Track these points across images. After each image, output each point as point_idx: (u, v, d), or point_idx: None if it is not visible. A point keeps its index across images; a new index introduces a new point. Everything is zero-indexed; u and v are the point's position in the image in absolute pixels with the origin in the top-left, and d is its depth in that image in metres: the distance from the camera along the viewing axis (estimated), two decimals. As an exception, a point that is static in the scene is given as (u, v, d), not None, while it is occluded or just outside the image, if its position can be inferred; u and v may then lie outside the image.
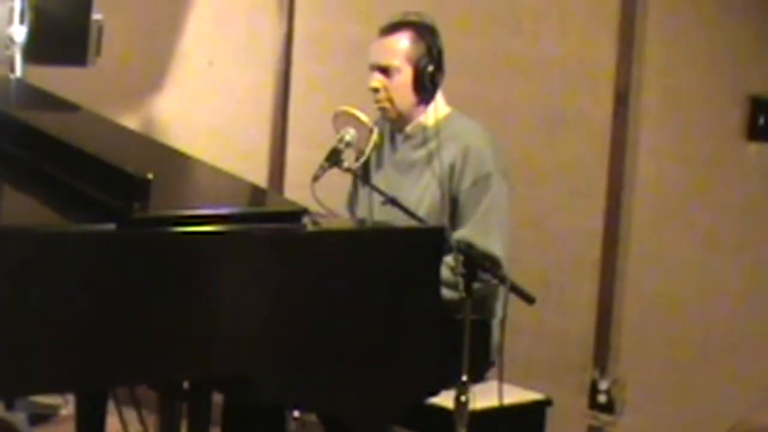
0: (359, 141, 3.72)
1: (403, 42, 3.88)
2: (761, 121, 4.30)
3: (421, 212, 3.76)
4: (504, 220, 3.86)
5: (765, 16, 4.31)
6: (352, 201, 4.12)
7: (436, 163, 3.84)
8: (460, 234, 3.76)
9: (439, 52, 3.90)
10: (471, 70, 4.60)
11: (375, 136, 3.76)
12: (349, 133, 3.69)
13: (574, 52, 4.62)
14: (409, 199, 3.80)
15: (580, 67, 4.61)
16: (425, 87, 3.88)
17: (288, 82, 5.27)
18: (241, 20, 5.41)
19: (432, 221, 3.77)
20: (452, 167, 3.84)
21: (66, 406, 4.88)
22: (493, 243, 3.77)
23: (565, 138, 4.64)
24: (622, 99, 4.50)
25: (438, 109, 3.91)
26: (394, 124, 3.97)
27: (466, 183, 3.83)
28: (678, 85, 4.45)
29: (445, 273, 3.44)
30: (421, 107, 3.92)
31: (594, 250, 4.57)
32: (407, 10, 4.00)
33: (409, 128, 3.95)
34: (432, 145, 3.86)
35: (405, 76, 3.88)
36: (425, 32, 3.89)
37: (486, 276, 3.52)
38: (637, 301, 4.54)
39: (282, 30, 5.25)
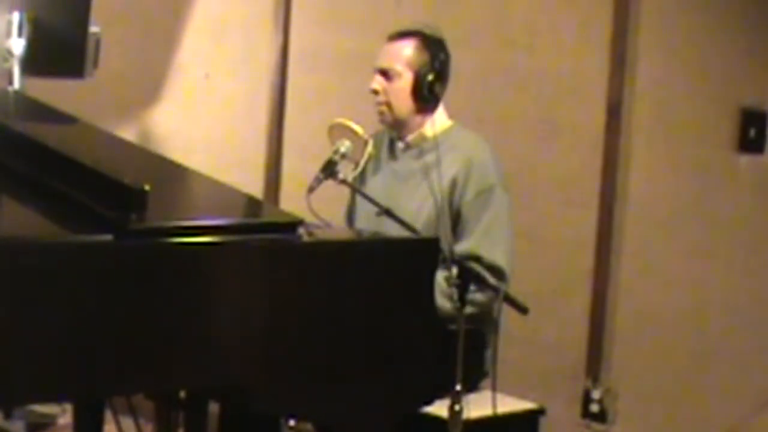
0: (354, 153, 3.73)
1: (407, 48, 3.90)
2: (752, 133, 4.32)
3: (419, 222, 3.78)
4: (507, 232, 3.87)
5: (755, 29, 4.33)
6: (351, 214, 4.14)
7: (436, 174, 3.87)
8: (465, 246, 3.79)
9: (442, 65, 3.92)
10: (466, 83, 4.61)
11: (370, 148, 3.77)
12: (345, 145, 3.70)
13: (567, 65, 4.64)
14: (406, 208, 3.81)
15: (573, 80, 4.63)
16: (423, 95, 3.90)
17: (284, 95, 5.29)
18: (237, 33, 5.43)
19: (430, 231, 3.79)
20: (455, 180, 3.86)
21: (64, 415, 4.88)
22: (498, 255, 3.79)
23: (559, 150, 4.66)
24: (614, 111, 4.52)
25: (440, 121, 3.94)
26: (391, 129, 3.99)
27: (469, 195, 3.85)
28: (669, 98, 4.47)
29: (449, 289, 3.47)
30: (419, 117, 3.93)
31: (587, 261, 4.59)
32: (403, 23, 4.03)
33: (410, 138, 3.97)
34: (432, 156, 3.88)
35: (405, 81, 3.90)
36: (431, 43, 3.92)
37: (480, 286, 3.55)
38: (629, 311, 4.55)
39: (278, 43, 5.27)
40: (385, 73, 3.92)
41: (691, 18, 4.43)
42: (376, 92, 3.93)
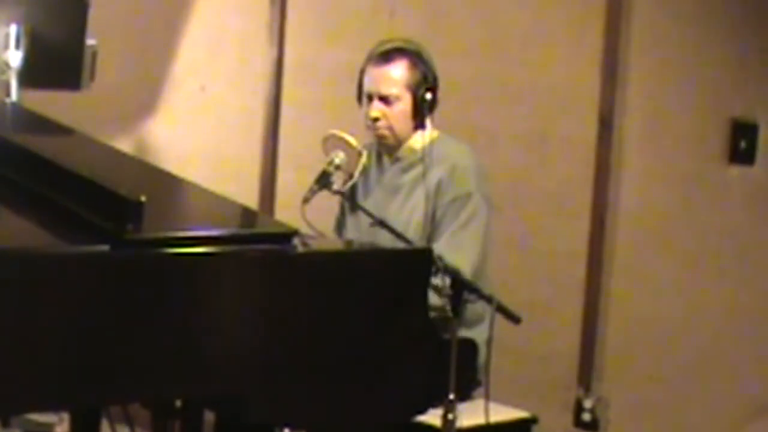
0: (348, 164, 3.73)
1: (401, 70, 3.92)
2: (742, 144, 4.34)
3: (409, 233, 3.79)
4: (478, 239, 3.89)
5: (746, 41, 4.35)
6: (340, 225, 4.16)
7: (424, 185, 3.88)
8: (433, 248, 3.81)
9: (434, 77, 3.95)
10: (459, 95, 4.64)
11: (364, 159, 3.77)
12: (339, 156, 3.71)
13: (559, 77, 4.67)
14: (397, 220, 3.84)
15: (566, 92, 4.65)
16: (423, 113, 3.92)
17: (278, 106, 5.31)
18: (232, 46, 5.45)
19: (420, 242, 3.82)
20: (438, 185, 3.89)
21: (61, 423, 4.89)
22: (461, 258, 3.79)
23: (551, 161, 4.68)
24: (606, 123, 4.54)
25: (427, 132, 3.95)
26: (390, 149, 4.02)
27: (446, 199, 3.88)
28: (661, 110, 4.49)
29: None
30: (416, 132, 3.97)
31: (579, 271, 4.61)
32: (395, 36, 4.05)
33: (398, 151, 4.00)
34: (420, 167, 3.90)
35: (404, 103, 3.93)
36: (418, 59, 3.94)
37: (472, 296, 3.56)
38: (621, 320, 4.57)
39: (272, 55, 5.29)
40: (384, 99, 3.93)
41: (682, 31, 4.45)
42: (377, 119, 3.95)
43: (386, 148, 4.01)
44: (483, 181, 3.94)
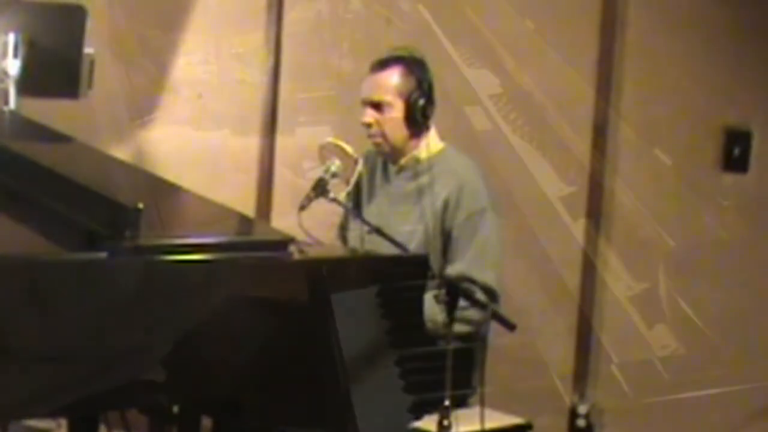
0: (345, 172, 3.74)
1: (393, 77, 3.90)
2: (736, 152, 4.36)
3: (413, 244, 3.79)
4: (498, 254, 3.87)
5: (739, 50, 4.38)
6: (343, 230, 4.16)
7: (429, 197, 3.89)
8: (457, 268, 3.79)
9: (429, 86, 3.91)
10: (454, 104, 4.66)
11: (360, 167, 3.78)
12: (335, 164, 3.71)
13: (554, 86, 4.68)
14: (400, 230, 3.82)
15: (560, 101, 4.67)
16: (417, 121, 3.89)
17: (275, 114, 5.32)
18: (229, 54, 5.46)
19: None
20: (446, 202, 3.86)
21: (59, 429, 4.91)
22: (490, 276, 3.80)
23: (546, 169, 4.70)
24: (600, 131, 4.57)
25: (432, 143, 3.93)
26: (388, 157, 4.01)
27: (461, 217, 3.85)
28: (654, 118, 4.51)
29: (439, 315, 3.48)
30: (414, 140, 3.94)
31: (573, 278, 4.63)
32: (392, 44, 4.07)
33: (403, 160, 3.97)
34: (425, 178, 3.91)
35: (397, 110, 3.89)
36: (415, 66, 3.91)
37: (467, 303, 3.58)
38: (615, 327, 4.59)
39: (269, 63, 5.31)
40: (376, 106, 3.91)
41: (675, 40, 4.47)
42: (369, 125, 3.92)
43: (386, 155, 4.02)
44: (492, 194, 3.93)
